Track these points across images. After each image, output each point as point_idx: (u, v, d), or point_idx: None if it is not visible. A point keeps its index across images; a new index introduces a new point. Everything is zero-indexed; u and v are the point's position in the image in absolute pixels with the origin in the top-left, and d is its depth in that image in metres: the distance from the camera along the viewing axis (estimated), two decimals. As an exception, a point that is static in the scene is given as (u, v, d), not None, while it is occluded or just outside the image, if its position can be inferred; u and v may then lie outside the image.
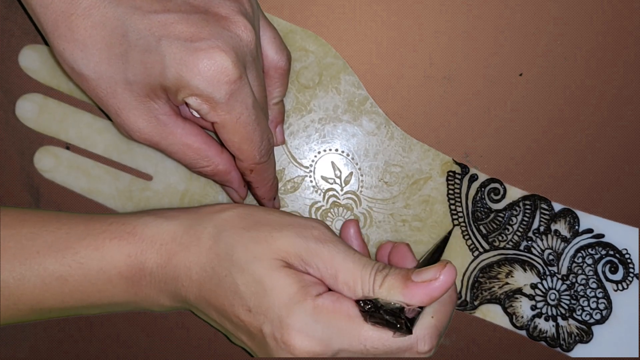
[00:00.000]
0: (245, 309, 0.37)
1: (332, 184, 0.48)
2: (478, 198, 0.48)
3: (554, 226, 0.48)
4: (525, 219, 0.48)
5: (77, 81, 0.40)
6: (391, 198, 0.48)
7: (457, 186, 0.48)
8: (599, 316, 0.48)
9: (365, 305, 0.37)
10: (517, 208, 0.48)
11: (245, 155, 0.41)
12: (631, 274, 0.48)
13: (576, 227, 0.48)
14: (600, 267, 0.48)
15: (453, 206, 0.48)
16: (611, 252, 0.48)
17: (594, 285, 0.48)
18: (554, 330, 0.48)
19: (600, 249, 0.48)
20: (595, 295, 0.48)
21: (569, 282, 0.48)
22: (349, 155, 0.48)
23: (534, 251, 0.48)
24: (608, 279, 0.48)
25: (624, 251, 0.48)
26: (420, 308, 0.37)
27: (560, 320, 0.48)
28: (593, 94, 0.49)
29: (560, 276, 0.48)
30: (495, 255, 0.48)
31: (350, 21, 0.48)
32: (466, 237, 0.48)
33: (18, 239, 0.39)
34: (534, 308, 0.48)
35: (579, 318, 0.48)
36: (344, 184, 0.48)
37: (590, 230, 0.48)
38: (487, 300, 0.48)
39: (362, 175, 0.48)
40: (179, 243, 0.39)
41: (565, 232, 0.48)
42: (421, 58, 0.48)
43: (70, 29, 0.38)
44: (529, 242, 0.48)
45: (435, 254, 0.45)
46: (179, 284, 0.39)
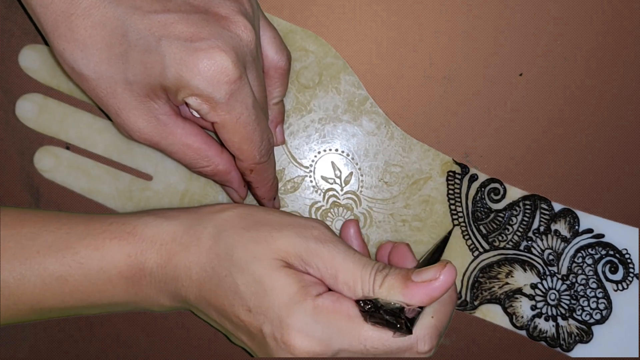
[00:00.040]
0: (245, 309, 0.37)
1: (332, 184, 0.48)
2: (478, 198, 0.48)
3: (554, 226, 0.48)
4: (525, 219, 0.48)
5: (77, 81, 0.40)
6: (391, 198, 0.48)
7: (457, 186, 0.48)
8: (599, 316, 0.48)
9: (365, 305, 0.37)
10: (517, 208, 0.48)
11: (245, 155, 0.41)
12: (631, 274, 0.48)
13: (576, 227, 0.48)
14: (600, 267, 0.48)
15: (453, 206, 0.48)
16: (611, 252, 0.48)
17: (594, 285, 0.48)
18: (554, 330, 0.48)
19: (600, 249, 0.48)
20: (595, 295, 0.48)
21: (569, 282, 0.48)
22: (349, 155, 0.48)
23: (534, 251, 0.48)
24: (608, 279, 0.48)
25: (624, 251, 0.48)
26: (420, 308, 0.37)
27: (560, 320, 0.48)
28: (593, 94, 0.49)
29: (560, 276, 0.48)
30: (495, 255, 0.48)
31: (350, 21, 0.48)
32: (466, 237, 0.48)
33: (18, 239, 0.39)
34: (534, 308, 0.48)
35: (579, 318, 0.48)
36: (344, 184, 0.48)
37: (590, 230, 0.48)
38: (487, 300, 0.48)
39: (362, 175, 0.48)
40: (179, 243, 0.39)
41: (565, 232, 0.48)
42: (421, 58, 0.48)
43: (70, 29, 0.38)
44: (529, 242, 0.48)
45: (435, 254, 0.45)
46: (179, 283, 0.39)
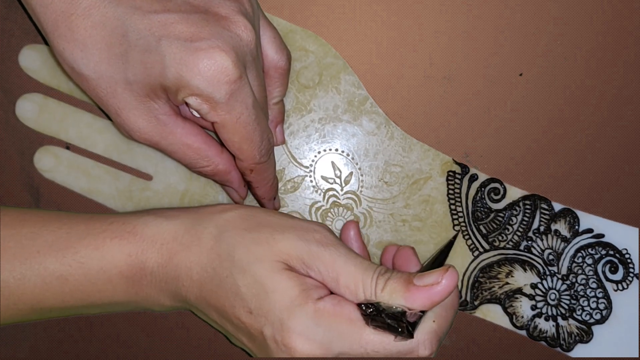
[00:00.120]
0: (246, 311, 0.37)
1: (332, 183, 0.48)
2: (478, 198, 0.48)
3: (554, 226, 0.48)
4: (525, 218, 0.48)
5: (77, 81, 0.40)
6: (391, 198, 0.48)
7: (457, 186, 0.48)
8: (599, 316, 0.48)
9: (367, 309, 0.37)
10: (517, 208, 0.48)
11: (245, 155, 0.41)
12: (631, 274, 0.48)
13: (576, 227, 0.48)
14: (600, 267, 0.48)
15: (453, 206, 0.48)
16: (611, 252, 0.48)
17: (594, 285, 0.48)
18: (554, 330, 0.48)
19: (600, 248, 0.48)
20: (595, 295, 0.48)
21: (569, 282, 0.48)
22: (349, 155, 0.48)
23: (534, 251, 0.48)
24: (608, 279, 0.48)
25: (624, 251, 0.48)
26: (421, 312, 0.37)
27: (560, 320, 0.48)
28: (593, 94, 0.49)
29: (560, 276, 0.48)
30: (495, 255, 0.48)
31: (350, 21, 0.48)
32: (466, 237, 0.48)
33: (18, 239, 0.39)
34: (534, 308, 0.48)
35: (579, 318, 0.48)
36: (344, 184, 0.48)
37: (590, 230, 0.48)
38: (487, 300, 0.48)
39: (362, 175, 0.48)
40: (179, 242, 0.39)
41: (565, 232, 0.48)
42: (421, 58, 0.48)
43: (70, 29, 0.38)
44: (529, 242, 0.48)
45: (439, 258, 0.44)
46: (179, 283, 0.39)
